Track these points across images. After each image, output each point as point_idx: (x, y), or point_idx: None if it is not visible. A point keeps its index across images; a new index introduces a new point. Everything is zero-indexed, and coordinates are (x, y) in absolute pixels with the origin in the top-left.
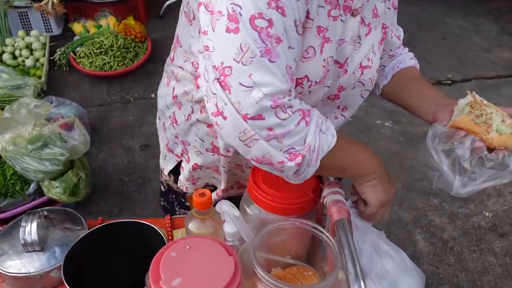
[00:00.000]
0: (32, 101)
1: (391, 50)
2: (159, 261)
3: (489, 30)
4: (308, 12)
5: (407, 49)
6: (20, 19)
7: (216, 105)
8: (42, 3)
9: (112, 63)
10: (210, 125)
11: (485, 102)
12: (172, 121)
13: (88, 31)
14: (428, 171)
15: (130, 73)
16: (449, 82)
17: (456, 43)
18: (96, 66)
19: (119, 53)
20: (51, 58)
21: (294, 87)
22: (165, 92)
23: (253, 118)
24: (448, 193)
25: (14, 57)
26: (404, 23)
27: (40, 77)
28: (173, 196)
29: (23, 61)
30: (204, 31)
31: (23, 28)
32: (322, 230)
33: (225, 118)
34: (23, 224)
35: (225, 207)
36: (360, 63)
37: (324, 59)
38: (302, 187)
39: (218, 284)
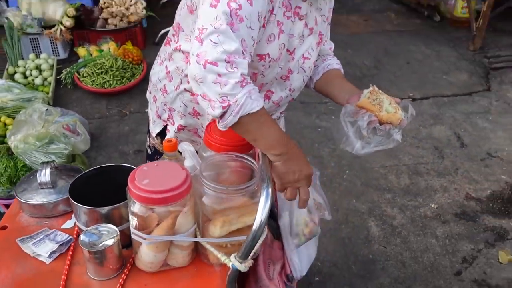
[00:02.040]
0: (44, 107)
1: (323, 55)
2: (135, 171)
3: (448, 56)
4: (272, 9)
5: (335, 57)
6: (31, 44)
7: (189, 58)
8: (52, 30)
9: (111, 82)
10: (193, 93)
11: (380, 91)
12: (162, 92)
13: (91, 55)
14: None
15: (127, 91)
16: (410, 99)
17: (418, 67)
18: (97, 84)
19: (118, 73)
20: (57, 77)
21: (259, 61)
22: (158, 70)
23: (211, 63)
24: (398, 188)
25: (25, 77)
26: (373, 51)
27: (47, 93)
28: (158, 157)
29: (33, 80)
30: (197, 8)
31: (33, 51)
32: (250, 159)
33: (190, 64)
34: (39, 168)
35: (185, 146)
36: (303, 54)
37: (280, 44)
38: (241, 137)
39: (175, 183)
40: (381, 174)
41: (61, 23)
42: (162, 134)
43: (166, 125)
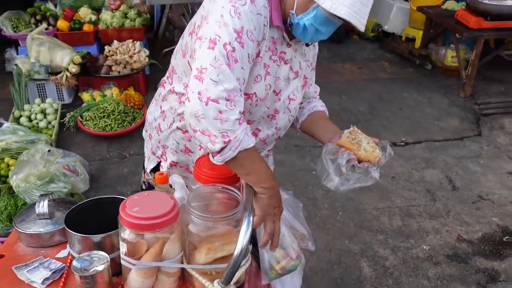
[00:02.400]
0: (46, 148)
1: (309, 98)
2: (127, 200)
3: (440, 102)
4: (259, 52)
5: (321, 100)
6: (38, 89)
7: (188, 95)
8: (58, 76)
9: (113, 125)
10: (185, 132)
11: (359, 131)
12: (157, 130)
13: (94, 99)
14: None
15: (128, 134)
16: (403, 144)
17: (411, 113)
18: (99, 128)
19: (119, 116)
20: (61, 121)
21: (247, 100)
22: (153, 109)
23: (213, 100)
24: (391, 230)
25: (30, 120)
26: (367, 97)
27: (51, 136)
28: None
29: (37, 123)
30: (194, 51)
31: (39, 96)
32: (235, 190)
33: (189, 101)
34: (38, 200)
35: (175, 178)
36: (288, 96)
37: (266, 85)
38: (228, 171)
39: (163, 210)
40: (374, 215)
41: (67, 69)
42: (156, 170)
43: (160, 161)
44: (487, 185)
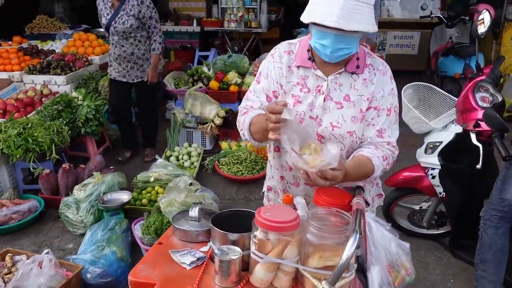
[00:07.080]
0: (189, 179)
1: (367, 141)
2: (261, 208)
3: None
4: (282, 86)
5: (382, 149)
6: (187, 135)
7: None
8: (205, 126)
9: (243, 171)
10: (271, 162)
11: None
12: (268, 164)
13: (231, 148)
14: None
15: (254, 180)
16: None
17: None
18: (232, 172)
19: (250, 164)
20: (202, 163)
21: None
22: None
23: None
24: None
25: (177, 160)
26: None
27: (192, 174)
28: None
29: (183, 162)
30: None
31: (187, 141)
32: (346, 213)
33: None
34: (191, 207)
35: (298, 199)
36: (331, 123)
37: (297, 111)
38: (343, 198)
39: (289, 218)
40: None
41: (213, 121)
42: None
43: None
44: None
